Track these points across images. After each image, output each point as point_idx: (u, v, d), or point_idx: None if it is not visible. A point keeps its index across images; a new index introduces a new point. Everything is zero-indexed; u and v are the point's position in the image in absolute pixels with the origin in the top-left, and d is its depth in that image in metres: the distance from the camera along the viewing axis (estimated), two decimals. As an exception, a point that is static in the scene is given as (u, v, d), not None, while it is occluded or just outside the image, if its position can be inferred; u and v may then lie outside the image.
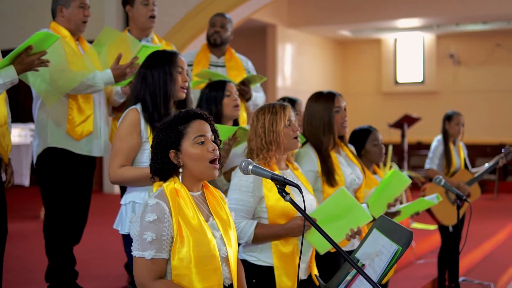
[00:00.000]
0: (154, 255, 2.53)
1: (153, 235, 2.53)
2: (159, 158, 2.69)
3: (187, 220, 2.59)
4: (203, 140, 2.70)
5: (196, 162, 2.68)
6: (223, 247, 2.67)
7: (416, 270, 7.06)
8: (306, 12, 14.56)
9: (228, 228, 2.75)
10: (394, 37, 16.27)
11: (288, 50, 14.92)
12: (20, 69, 3.57)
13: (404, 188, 4.09)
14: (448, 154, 6.26)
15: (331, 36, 16.06)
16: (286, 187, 2.60)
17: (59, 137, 4.18)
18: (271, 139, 3.33)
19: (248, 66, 5.31)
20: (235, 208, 3.27)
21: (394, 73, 16.47)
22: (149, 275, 2.54)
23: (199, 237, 2.58)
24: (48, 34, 3.56)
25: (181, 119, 2.71)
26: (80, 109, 4.19)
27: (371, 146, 4.56)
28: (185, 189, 2.67)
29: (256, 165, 2.67)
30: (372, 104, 16.42)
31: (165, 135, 2.69)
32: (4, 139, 3.85)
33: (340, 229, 3.38)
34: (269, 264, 3.31)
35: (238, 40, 15.37)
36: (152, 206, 2.57)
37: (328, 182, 3.88)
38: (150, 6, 4.69)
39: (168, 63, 3.53)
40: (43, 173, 4.28)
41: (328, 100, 3.98)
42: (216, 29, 5.16)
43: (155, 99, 3.48)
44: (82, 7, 4.30)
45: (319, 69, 16.09)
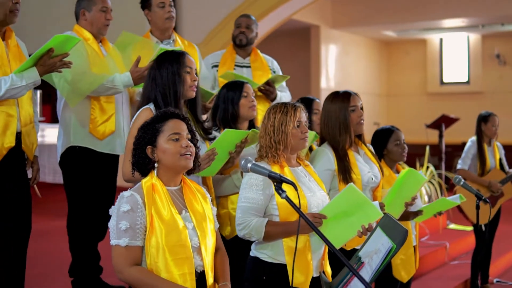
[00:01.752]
0: (128, 243, 2.76)
1: (127, 223, 2.76)
2: (137, 153, 2.91)
3: (159, 212, 2.79)
4: (178, 138, 2.91)
5: (169, 156, 2.89)
6: (195, 237, 2.86)
7: (449, 271, 7.03)
8: (350, 13, 14.53)
9: (203, 220, 2.93)
10: (440, 37, 16.11)
11: (332, 51, 14.90)
12: (43, 70, 3.72)
13: (420, 186, 4.09)
14: (482, 155, 6.23)
15: (376, 36, 15.98)
16: (284, 184, 2.67)
17: (82, 136, 4.32)
18: (279, 139, 3.37)
19: (273, 66, 5.38)
20: (246, 206, 3.32)
21: (440, 73, 16.31)
22: (125, 261, 2.76)
23: (171, 228, 2.79)
24: (68, 37, 3.68)
25: (159, 118, 2.95)
26: (102, 109, 4.31)
27: (393, 145, 4.58)
28: (161, 184, 2.88)
29: (254, 163, 2.77)
30: (418, 105, 16.27)
31: (143, 133, 2.92)
32: (29, 138, 4.01)
33: (351, 226, 3.39)
34: (281, 261, 3.34)
35: (282, 41, 15.53)
36: (127, 198, 2.81)
37: (345, 181, 3.91)
38: (167, 8, 4.80)
39: (176, 63, 3.62)
40: (66, 171, 4.43)
41: (343, 99, 4.02)
42: (242, 30, 5.24)
43: (166, 99, 3.58)
44: (104, 11, 4.43)
45: (363, 70, 16.02)
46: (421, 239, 7.87)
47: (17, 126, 3.89)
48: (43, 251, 6.00)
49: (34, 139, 4.07)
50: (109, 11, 4.46)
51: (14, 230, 4.00)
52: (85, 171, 4.35)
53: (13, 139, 3.87)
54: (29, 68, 3.70)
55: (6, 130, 3.83)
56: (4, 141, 3.83)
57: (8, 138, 3.85)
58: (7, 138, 3.84)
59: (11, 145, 3.86)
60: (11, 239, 4.00)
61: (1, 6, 3.82)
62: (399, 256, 4.49)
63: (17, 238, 4.04)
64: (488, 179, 6.11)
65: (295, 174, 3.43)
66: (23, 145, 3.98)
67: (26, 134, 3.97)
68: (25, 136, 3.97)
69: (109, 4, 4.47)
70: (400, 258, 4.50)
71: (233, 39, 5.29)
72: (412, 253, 4.54)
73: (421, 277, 6.87)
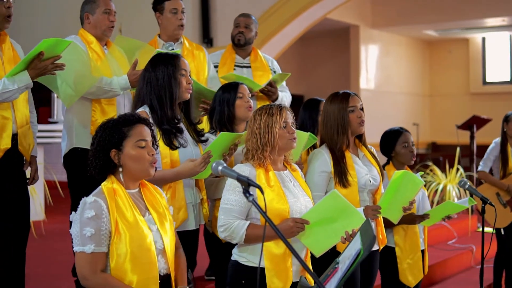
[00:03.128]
0: (94, 249, 2.73)
1: (92, 230, 2.73)
2: (100, 155, 2.87)
3: (124, 217, 2.78)
4: (144, 145, 2.88)
5: (135, 163, 2.87)
6: (160, 239, 2.87)
7: (474, 275, 6.86)
8: (389, 13, 14.40)
9: (165, 220, 2.93)
10: (482, 36, 15.82)
11: (371, 50, 14.79)
12: (34, 74, 3.76)
13: (418, 190, 3.99)
14: (505, 156, 6.09)
15: (417, 35, 15.79)
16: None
17: (84, 138, 4.34)
18: (266, 140, 3.35)
19: (273, 66, 5.32)
20: (228, 208, 3.30)
21: (483, 72, 16.02)
22: (90, 268, 2.73)
23: (135, 232, 2.78)
24: (58, 40, 3.71)
25: (126, 121, 2.90)
26: (104, 111, 4.33)
27: (401, 148, 4.50)
28: (122, 188, 2.86)
29: (225, 165, 2.75)
30: (460, 105, 16.01)
31: (108, 134, 2.87)
32: (26, 139, 4.07)
33: (335, 232, 3.34)
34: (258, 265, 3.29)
35: (322, 42, 15.49)
36: (90, 204, 2.77)
37: (341, 183, 3.87)
38: (179, 15, 4.78)
39: (172, 66, 3.62)
40: (70, 171, 4.47)
41: (342, 100, 3.97)
42: (240, 30, 5.18)
43: (162, 101, 3.58)
44: (107, 13, 4.44)
45: (405, 70, 15.85)
46: (448, 242, 7.77)
47: (12, 128, 3.95)
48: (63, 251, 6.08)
49: (30, 140, 4.13)
50: (112, 13, 4.48)
51: (13, 230, 4.05)
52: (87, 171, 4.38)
53: (9, 141, 3.93)
54: (21, 72, 3.75)
55: (2, 133, 3.90)
56: (0, 143, 3.90)
57: (4, 140, 3.92)
58: (3, 140, 3.91)
59: (7, 147, 3.93)
60: (11, 239, 4.05)
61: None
62: (405, 261, 4.43)
63: (16, 238, 4.09)
64: (508, 182, 5.97)
65: (280, 178, 3.41)
66: (20, 147, 4.04)
67: (23, 135, 4.03)
68: (22, 137, 4.03)
69: (112, 6, 4.49)
70: (407, 263, 4.43)
71: (232, 39, 5.24)
72: (420, 258, 4.46)
73: (444, 281, 6.78)
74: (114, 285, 2.74)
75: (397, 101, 15.38)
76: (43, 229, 6.95)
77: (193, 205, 3.75)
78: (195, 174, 3.51)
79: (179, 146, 3.61)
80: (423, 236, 4.54)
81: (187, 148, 3.65)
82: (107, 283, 2.74)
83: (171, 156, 3.59)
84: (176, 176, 3.52)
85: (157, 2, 4.84)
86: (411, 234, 4.43)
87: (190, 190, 3.74)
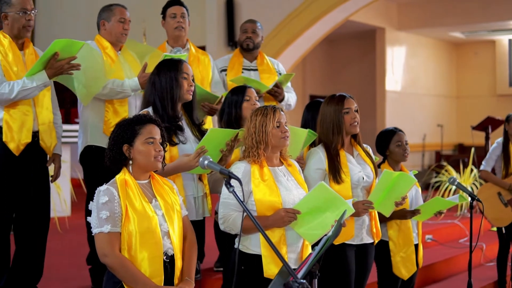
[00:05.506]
0: (110, 229, 3.11)
1: (107, 213, 3.11)
2: (115, 148, 3.25)
3: (132, 203, 3.15)
4: (153, 141, 3.25)
5: (143, 157, 3.25)
6: (164, 223, 3.22)
7: (482, 272, 7.07)
8: (416, 15, 14.50)
9: (171, 210, 3.27)
10: (509, 38, 15.84)
11: (398, 52, 14.90)
12: (51, 73, 4.17)
13: (410, 187, 4.23)
14: (507, 156, 6.26)
15: (443, 37, 15.86)
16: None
17: (97, 136, 4.69)
18: (260, 139, 3.63)
19: (279, 68, 5.60)
20: (226, 202, 3.59)
21: (509, 74, 16.02)
22: (109, 246, 3.10)
23: (142, 216, 3.15)
24: (70, 41, 4.11)
25: (139, 120, 3.28)
26: (116, 111, 4.68)
27: (395, 146, 4.73)
28: (132, 179, 3.23)
29: (211, 160, 3.08)
30: (487, 107, 16.03)
31: (122, 131, 3.25)
32: (47, 136, 4.43)
33: (325, 222, 3.60)
34: (258, 252, 3.60)
35: (349, 44, 15.68)
36: (103, 191, 3.17)
37: (335, 179, 4.13)
38: (177, 18, 5.14)
39: (174, 70, 3.93)
40: (85, 168, 4.83)
41: (338, 102, 4.23)
42: (248, 35, 5.47)
43: (164, 102, 3.90)
44: (122, 22, 4.78)
45: (432, 71, 15.92)
46: (460, 241, 7.93)
47: (33, 125, 4.33)
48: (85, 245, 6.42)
49: (53, 138, 4.48)
50: (127, 22, 4.81)
51: (34, 221, 4.42)
52: (101, 168, 4.70)
53: (29, 136, 4.30)
54: (39, 72, 4.15)
55: (22, 128, 4.28)
56: (21, 137, 4.27)
57: (25, 134, 4.29)
58: (23, 134, 4.28)
59: (27, 141, 4.30)
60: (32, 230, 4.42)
61: (16, 22, 4.30)
62: (399, 254, 4.65)
63: (36, 228, 4.45)
64: (509, 182, 6.14)
65: (274, 173, 3.68)
66: (41, 142, 4.40)
67: (44, 132, 4.40)
68: (43, 134, 4.39)
69: (127, 15, 4.83)
70: (400, 256, 4.65)
71: (240, 44, 5.53)
72: (413, 251, 4.67)
73: (452, 277, 6.97)
74: (129, 266, 3.09)
75: (423, 103, 15.48)
76: (67, 224, 7.30)
77: (194, 197, 4.04)
78: (191, 168, 3.79)
79: (178, 143, 3.91)
80: (417, 231, 4.76)
81: (186, 144, 3.94)
82: (123, 263, 3.09)
83: (170, 152, 3.88)
84: (174, 170, 3.80)
85: (162, 11, 5.23)
86: (404, 228, 4.65)
87: (191, 183, 4.03)
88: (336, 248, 4.12)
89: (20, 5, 4.29)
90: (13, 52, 4.29)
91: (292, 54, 11.45)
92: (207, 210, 4.14)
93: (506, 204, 6.12)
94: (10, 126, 4.24)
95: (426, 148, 14.62)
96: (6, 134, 4.23)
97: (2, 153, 4.25)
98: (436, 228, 8.11)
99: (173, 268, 3.23)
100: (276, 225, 3.56)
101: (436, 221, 8.36)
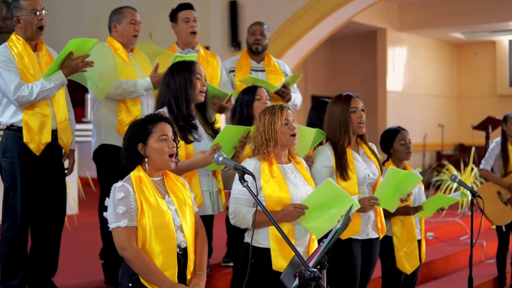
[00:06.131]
0: (127, 224, 3.25)
1: (124, 208, 3.25)
2: (130, 148, 3.39)
3: (146, 199, 3.28)
4: (165, 138, 3.38)
5: (158, 154, 3.38)
6: (177, 217, 3.36)
7: (482, 269, 7.22)
8: (417, 16, 14.60)
9: (184, 206, 3.41)
10: (509, 39, 15.97)
11: (399, 53, 15.01)
12: (67, 72, 4.35)
13: (415, 184, 4.40)
14: (505, 155, 6.41)
15: (444, 38, 15.98)
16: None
17: (111, 135, 4.84)
18: (269, 136, 3.78)
19: (285, 69, 5.78)
20: (237, 197, 3.75)
21: (510, 75, 16.14)
22: (127, 240, 3.24)
23: (156, 211, 3.29)
24: (84, 40, 4.29)
25: (151, 120, 3.42)
26: (129, 111, 4.83)
27: (398, 145, 4.89)
28: (147, 176, 3.36)
29: (225, 156, 3.25)
30: (487, 107, 16.15)
31: (136, 131, 3.39)
32: (65, 134, 4.60)
33: (332, 217, 3.75)
34: (267, 246, 3.75)
35: (350, 44, 15.82)
36: (119, 187, 3.30)
37: (342, 177, 4.29)
38: (191, 23, 5.30)
39: (188, 71, 4.12)
40: (99, 165, 4.98)
41: (345, 101, 4.38)
42: (257, 37, 5.63)
43: (178, 102, 4.09)
44: (133, 24, 4.93)
45: (432, 72, 16.04)
46: (460, 238, 8.08)
47: (52, 124, 4.49)
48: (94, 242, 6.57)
49: (69, 134, 4.66)
50: (137, 24, 4.96)
51: (52, 216, 4.60)
52: (114, 165, 4.85)
53: (49, 136, 4.47)
54: (56, 72, 4.32)
55: (43, 128, 4.45)
56: (41, 138, 4.44)
57: (45, 135, 4.46)
58: (43, 135, 4.45)
59: (47, 141, 4.47)
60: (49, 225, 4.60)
61: (29, 24, 4.45)
62: (402, 249, 4.81)
63: (54, 224, 4.63)
64: (509, 180, 6.29)
65: (282, 170, 3.83)
66: (59, 140, 4.57)
67: (62, 130, 4.57)
68: (61, 132, 4.57)
69: (137, 17, 4.98)
70: (404, 251, 4.81)
71: (248, 46, 5.69)
72: (416, 247, 4.83)
73: (453, 274, 7.12)
74: (145, 259, 3.23)
75: (424, 103, 15.60)
76: (76, 221, 7.45)
77: (209, 193, 4.24)
78: (207, 164, 3.97)
79: (193, 140, 4.09)
80: (420, 226, 4.92)
81: (201, 142, 4.12)
82: (140, 256, 3.23)
83: (186, 150, 4.07)
84: (190, 166, 4.00)
85: (172, 14, 5.36)
86: (408, 224, 4.81)
87: (207, 179, 4.22)
88: (343, 242, 4.28)
89: (30, 6, 4.44)
90: (28, 54, 4.44)
91: (295, 54, 11.59)
92: (222, 205, 4.30)
93: (505, 202, 6.27)
94: (30, 127, 4.40)
95: (427, 147, 14.76)
96: (26, 135, 4.39)
97: (23, 153, 4.42)
98: (437, 226, 8.27)
99: (186, 260, 3.37)
100: (284, 220, 3.71)
101: (437, 219, 8.54)
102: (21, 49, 4.42)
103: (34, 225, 4.58)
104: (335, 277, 4.26)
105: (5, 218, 4.49)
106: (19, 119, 4.42)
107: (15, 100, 4.30)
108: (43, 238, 4.61)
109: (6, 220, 4.48)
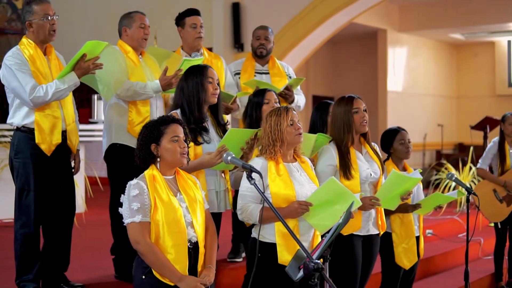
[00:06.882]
0: (141, 219, 3.45)
1: (138, 204, 3.44)
2: (143, 148, 3.58)
3: (159, 196, 3.47)
4: (177, 139, 3.58)
5: (170, 154, 3.57)
6: (188, 214, 3.54)
7: (479, 265, 7.41)
8: (416, 17, 14.74)
9: (195, 203, 3.60)
10: (508, 39, 16.13)
11: (399, 53, 15.15)
12: (80, 73, 4.53)
13: (415, 184, 4.60)
14: (502, 154, 6.58)
15: (443, 39, 16.13)
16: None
17: (122, 135, 5.02)
18: (276, 137, 3.98)
19: (289, 72, 5.97)
20: (245, 194, 3.95)
21: (508, 75, 16.31)
22: (141, 234, 3.44)
23: (168, 207, 3.47)
24: (96, 42, 4.48)
25: (163, 121, 3.62)
26: (139, 112, 5.01)
27: (398, 145, 5.08)
28: (160, 174, 3.56)
29: (233, 156, 3.44)
30: (486, 107, 16.30)
31: (149, 132, 3.58)
32: (73, 135, 4.79)
33: (335, 214, 3.94)
34: (273, 241, 3.94)
35: (351, 45, 15.99)
36: (134, 185, 3.49)
37: (345, 175, 4.48)
38: (198, 29, 5.48)
39: (200, 75, 4.32)
40: (109, 164, 5.16)
41: (348, 102, 4.57)
42: (261, 42, 5.83)
43: (190, 105, 4.29)
44: (143, 27, 5.12)
45: (432, 72, 16.18)
46: (459, 235, 8.27)
47: (62, 126, 4.68)
48: (102, 239, 6.75)
49: (76, 135, 4.86)
50: (147, 27, 5.15)
51: (62, 214, 4.79)
52: (125, 164, 5.03)
53: (59, 137, 4.66)
54: (69, 73, 4.51)
55: (53, 130, 4.63)
56: (52, 139, 4.63)
57: (55, 136, 4.64)
58: (54, 136, 4.64)
59: (58, 142, 4.65)
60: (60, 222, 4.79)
61: (41, 28, 4.63)
62: (401, 245, 4.99)
63: (64, 221, 4.82)
64: (504, 179, 6.47)
65: (288, 169, 4.02)
66: (68, 141, 4.75)
67: (70, 132, 4.76)
68: (70, 133, 4.75)
69: (147, 21, 5.16)
70: (402, 247, 4.99)
71: (253, 50, 5.89)
72: (414, 243, 5.01)
73: (450, 270, 7.30)
74: (158, 253, 3.43)
75: (424, 103, 15.75)
76: (84, 219, 7.63)
77: (216, 192, 4.42)
78: (213, 165, 4.16)
79: (202, 142, 4.28)
80: (418, 223, 5.11)
81: (210, 144, 4.31)
82: (153, 250, 3.43)
83: (194, 151, 4.25)
84: (198, 166, 4.19)
85: (179, 19, 5.54)
86: (406, 221, 4.99)
87: (214, 178, 4.40)
88: (345, 238, 4.47)
89: (42, 11, 4.61)
90: (39, 58, 4.62)
91: (296, 56, 11.75)
92: (229, 203, 4.49)
93: (501, 200, 6.44)
94: (41, 128, 4.58)
95: (426, 147, 14.94)
96: (38, 136, 4.58)
97: (35, 153, 4.61)
98: (436, 223, 8.47)
99: (197, 254, 3.56)
100: (290, 216, 3.90)
101: (436, 216, 8.73)
102: (33, 52, 4.59)
103: (46, 223, 4.76)
104: (337, 272, 4.42)
105: (19, 216, 4.67)
106: (31, 120, 4.59)
107: (31, 100, 4.47)
108: (55, 234, 4.79)
109: (20, 218, 4.67)
